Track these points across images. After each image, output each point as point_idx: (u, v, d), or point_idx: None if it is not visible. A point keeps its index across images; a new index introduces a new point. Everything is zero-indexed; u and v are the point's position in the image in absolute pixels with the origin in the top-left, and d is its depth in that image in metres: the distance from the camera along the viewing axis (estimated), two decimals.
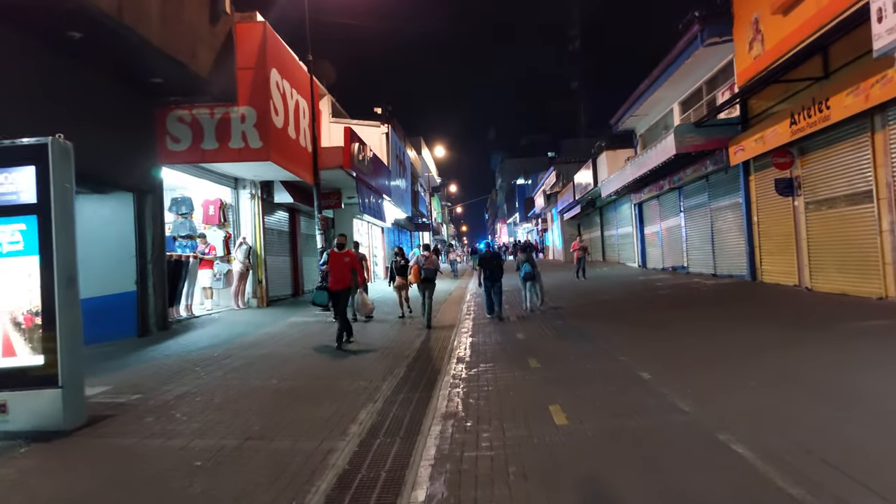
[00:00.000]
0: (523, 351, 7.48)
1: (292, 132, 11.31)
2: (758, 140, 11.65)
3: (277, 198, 13.55)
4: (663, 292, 12.93)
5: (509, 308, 12.15)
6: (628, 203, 22.94)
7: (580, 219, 33.24)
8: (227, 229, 13.05)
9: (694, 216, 16.54)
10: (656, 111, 18.90)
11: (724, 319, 8.65)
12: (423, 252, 11.07)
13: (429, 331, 9.78)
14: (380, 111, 19.68)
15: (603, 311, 11.15)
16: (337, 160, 13.11)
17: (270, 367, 6.92)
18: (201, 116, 9.96)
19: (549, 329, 9.22)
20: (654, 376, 5.50)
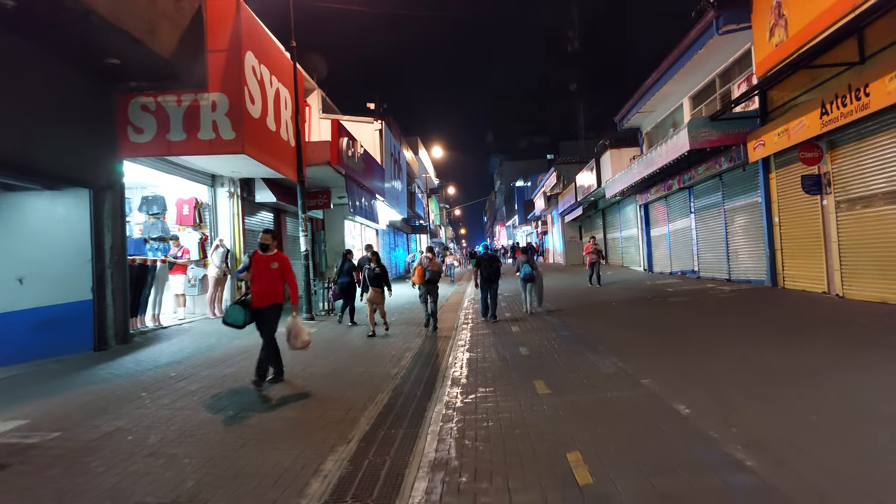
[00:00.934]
0: (528, 370, 6.45)
1: (272, 123, 10.29)
2: (781, 134, 10.66)
3: (259, 197, 12.52)
4: (677, 299, 11.91)
5: (510, 315, 11.17)
6: (633, 204, 21.95)
7: (581, 221, 32.26)
8: (204, 231, 12.01)
9: (706, 217, 15.54)
10: (664, 107, 17.92)
11: (755, 334, 7.62)
12: (427, 254, 10.71)
13: (420, 343, 8.77)
14: (373, 107, 18.66)
15: (613, 319, 10.14)
16: (324, 156, 12.10)
17: (230, 393, 5.88)
18: (167, 104, 8.93)
19: (555, 341, 8.19)
20: (693, 409, 4.48)
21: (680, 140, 12.93)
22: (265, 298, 6.20)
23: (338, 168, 12.44)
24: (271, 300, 6.24)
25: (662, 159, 14.40)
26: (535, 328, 9.61)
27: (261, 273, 6.23)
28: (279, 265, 6.29)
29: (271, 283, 6.27)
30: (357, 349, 8.49)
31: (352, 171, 13.58)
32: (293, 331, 6.37)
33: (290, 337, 6.36)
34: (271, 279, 6.27)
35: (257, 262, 6.24)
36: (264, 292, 6.19)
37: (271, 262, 6.29)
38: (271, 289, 6.26)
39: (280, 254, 6.42)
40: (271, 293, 6.24)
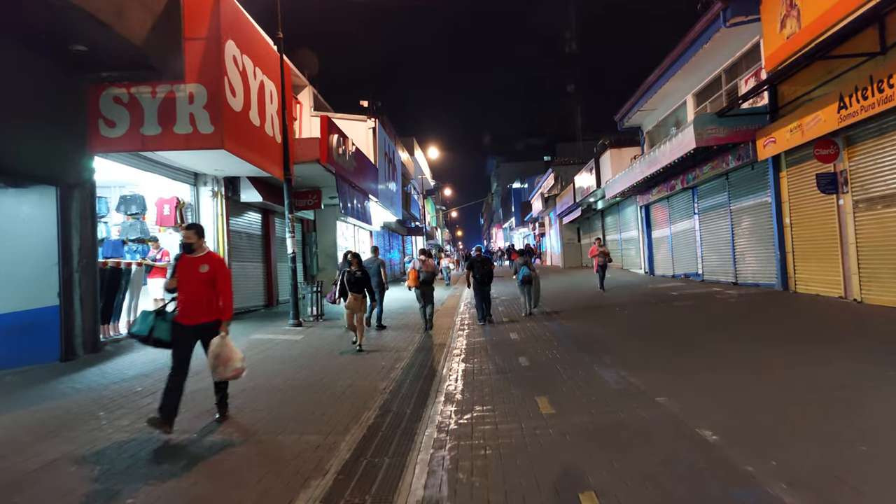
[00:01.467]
0: (529, 384, 5.88)
1: (255, 118, 9.69)
2: (794, 130, 10.13)
3: (245, 196, 11.92)
4: (683, 304, 11.36)
5: (508, 320, 10.60)
6: (633, 205, 21.42)
7: (580, 223, 31.75)
8: None
9: (710, 218, 15.01)
10: (667, 104, 17.40)
11: (776, 344, 7.07)
12: (421, 256, 10.89)
13: (413, 352, 8.19)
14: (366, 105, 18.09)
15: (617, 325, 9.58)
16: (313, 153, 11.51)
17: (196, 415, 5.27)
18: (141, 96, 8.33)
19: (556, 351, 7.62)
20: (721, 435, 3.90)
21: (685, 137, 12.40)
22: (192, 312, 4.75)
23: (327, 166, 11.85)
24: (202, 315, 4.78)
25: (666, 158, 13.87)
26: (535, 335, 9.03)
27: (186, 279, 4.77)
28: (210, 268, 4.80)
29: (199, 293, 4.77)
30: (346, 358, 7.90)
31: (343, 170, 13.00)
32: (222, 355, 4.80)
33: (216, 363, 4.81)
34: (199, 287, 4.77)
35: (182, 266, 4.81)
36: (191, 304, 4.75)
37: (199, 264, 4.80)
38: (200, 300, 4.78)
39: (212, 255, 5.01)
40: (200, 306, 4.78)
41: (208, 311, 4.82)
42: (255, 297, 13.35)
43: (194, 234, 4.88)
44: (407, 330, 10.48)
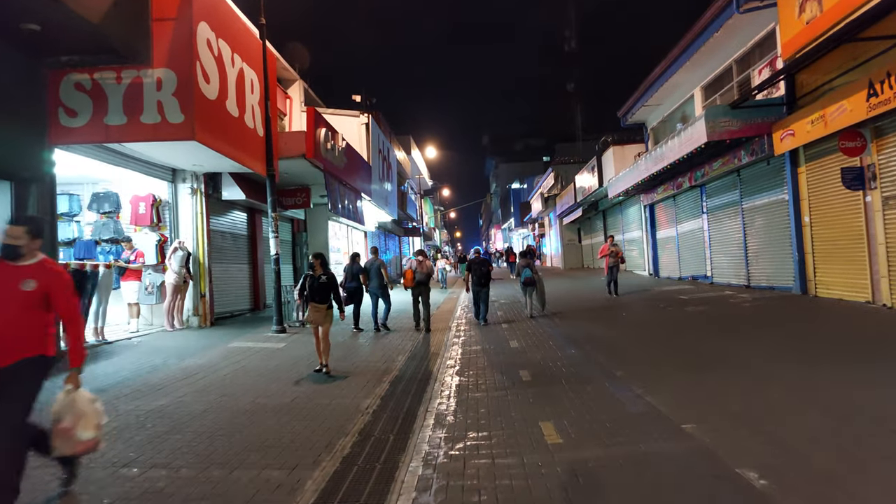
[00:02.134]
0: (532, 404, 5.14)
1: (233, 108, 8.94)
2: (815, 121, 9.41)
3: (227, 194, 11.17)
4: (695, 308, 10.63)
5: (508, 326, 9.87)
6: (637, 205, 20.70)
7: (581, 223, 31.06)
8: (163, 231, 10.66)
9: (720, 217, 14.28)
10: (673, 99, 16.67)
11: (812, 360, 6.32)
12: (418, 257, 10.80)
13: (405, 360, 7.45)
14: (359, 99, 17.30)
15: (625, 333, 8.86)
16: (298, 148, 10.76)
17: (147, 439, 4.53)
18: (105, 82, 7.59)
19: (561, 362, 6.88)
20: (770, 479, 3.17)
21: (696, 132, 11.67)
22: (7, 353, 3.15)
23: (314, 162, 11.10)
24: (16, 353, 3.17)
25: (674, 154, 13.13)
26: (536, 343, 8.29)
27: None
28: (39, 285, 3.24)
29: (14, 318, 3.20)
30: (342, 354, 7.16)
31: (332, 167, 12.26)
32: (63, 420, 3.32)
33: (58, 431, 3.31)
34: (16, 311, 3.21)
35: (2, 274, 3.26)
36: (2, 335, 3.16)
37: (21, 278, 3.22)
38: (13, 329, 3.19)
39: (47, 264, 3.36)
40: (12, 338, 3.18)
41: (19, 345, 3.19)
42: (240, 301, 12.60)
43: (25, 231, 3.27)
44: (399, 335, 9.74)
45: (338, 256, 18.99)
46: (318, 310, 7.00)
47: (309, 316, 7.13)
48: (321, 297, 7.04)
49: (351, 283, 10.45)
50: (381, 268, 10.51)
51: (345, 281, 10.47)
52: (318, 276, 7.08)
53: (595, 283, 18.82)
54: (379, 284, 10.36)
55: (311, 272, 7.16)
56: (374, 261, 10.63)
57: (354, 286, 10.45)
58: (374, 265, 10.51)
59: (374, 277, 10.41)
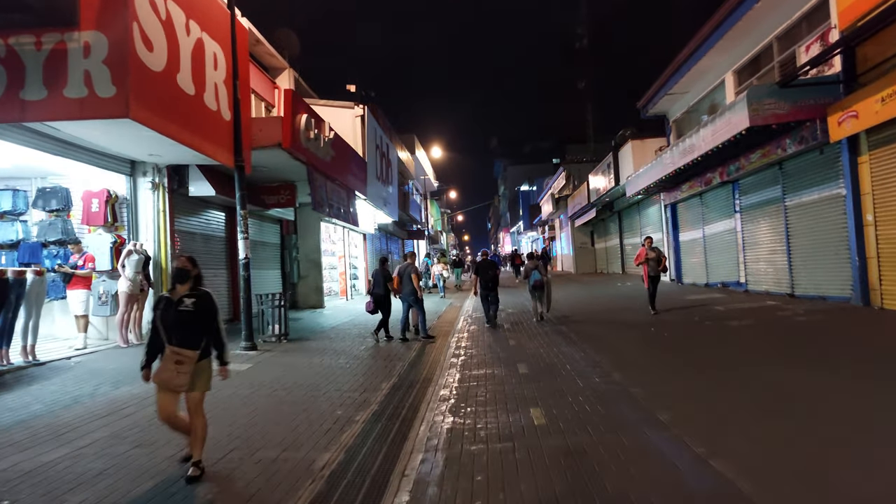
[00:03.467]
0: (550, 470, 3.61)
1: (187, 84, 7.49)
2: (886, 99, 7.83)
3: (194, 189, 9.77)
4: (739, 324, 9.05)
5: (516, 343, 8.36)
6: (657, 204, 19.09)
7: (594, 225, 29.46)
8: (120, 232, 9.27)
9: (757, 217, 12.67)
10: (701, 86, 15.08)
11: None
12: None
13: (388, 391, 5.96)
14: (354, 90, 15.85)
15: (661, 356, 7.30)
16: (273, 136, 9.33)
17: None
18: (22, 48, 6.19)
19: (584, 396, 5.35)
20: None
21: (735, 116, 10.09)
22: None
23: (292, 152, 9.64)
24: None
25: (707, 144, 11.55)
26: (550, 367, 6.76)
27: None
28: None
29: None
30: (292, 403, 5.69)
31: (316, 160, 10.81)
32: None
33: None
34: None
35: None
36: None
37: None
38: None
39: None
40: None
41: None
42: (227, 310, 11.16)
43: None
44: (384, 357, 8.26)
45: (333, 260, 17.57)
46: (181, 360, 3.70)
47: (158, 373, 3.73)
48: (183, 336, 3.75)
49: (378, 290, 9.59)
50: (414, 273, 9.67)
51: (372, 287, 9.74)
52: (175, 301, 3.80)
53: (612, 291, 17.24)
54: (410, 290, 9.51)
55: (169, 292, 3.91)
56: (407, 265, 9.79)
57: (382, 293, 9.56)
58: (406, 270, 9.65)
59: (406, 283, 9.58)
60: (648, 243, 10.85)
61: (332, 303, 16.57)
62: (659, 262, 10.59)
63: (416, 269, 9.85)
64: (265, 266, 14.17)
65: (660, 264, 10.57)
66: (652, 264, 10.57)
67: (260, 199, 12.20)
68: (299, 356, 8.29)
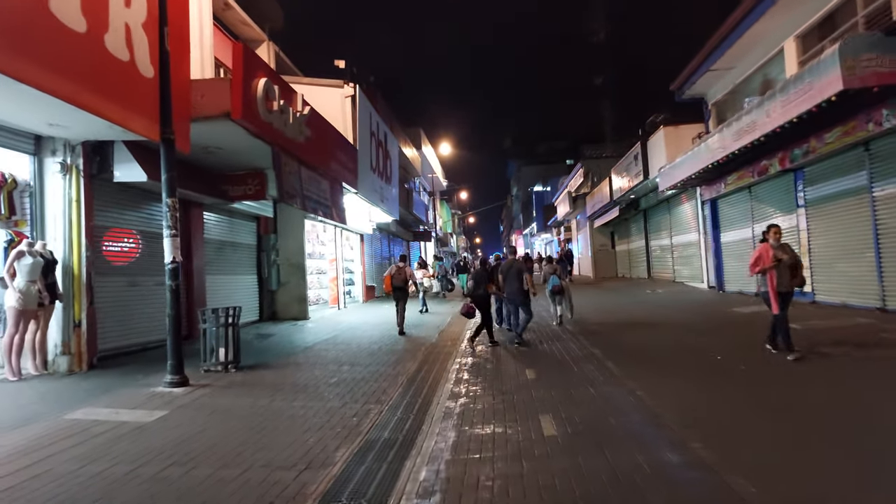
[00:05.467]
0: None
1: (75, 20, 5.32)
2: None
3: (121, 173, 7.64)
4: (842, 352, 6.74)
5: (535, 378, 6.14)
6: (692, 201, 16.72)
7: (614, 225, 27.07)
8: (20, 228, 7.17)
9: (831, 211, 10.31)
10: (750, 59, 12.72)
11: None
12: (399, 263, 11.16)
13: (352, 458, 3.77)
14: (343, 65, 13.67)
15: (744, 408, 5.02)
16: (219, 103, 7.16)
17: None
18: None
19: (654, 490, 3.11)
20: None
21: (820, 79, 7.77)
22: None
23: (247, 126, 7.48)
24: None
25: (774, 120, 9.22)
26: (593, 432, 4.50)
27: None
28: None
29: None
30: (175, 498, 3.50)
31: (283, 139, 8.65)
32: None
33: None
34: None
35: None
36: None
37: None
38: None
39: None
40: None
41: None
42: (156, 328, 9.02)
43: None
44: (354, 396, 6.05)
45: (321, 264, 15.44)
46: None
47: None
48: None
49: (479, 291, 8.92)
50: (522, 271, 8.94)
51: (472, 288, 9.10)
52: None
53: (647, 301, 14.88)
54: (517, 289, 8.77)
55: None
56: (511, 262, 9.11)
57: (484, 294, 8.92)
58: (511, 268, 8.95)
59: (511, 281, 8.84)
60: (775, 236, 6.64)
61: (320, 313, 14.44)
62: (796, 268, 6.65)
63: (525, 268, 9.15)
64: (237, 271, 12.07)
65: (795, 273, 6.63)
66: (783, 272, 6.55)
67: (222, 190, 10.10)
68: (242, 396, 6.11)
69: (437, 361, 8.01)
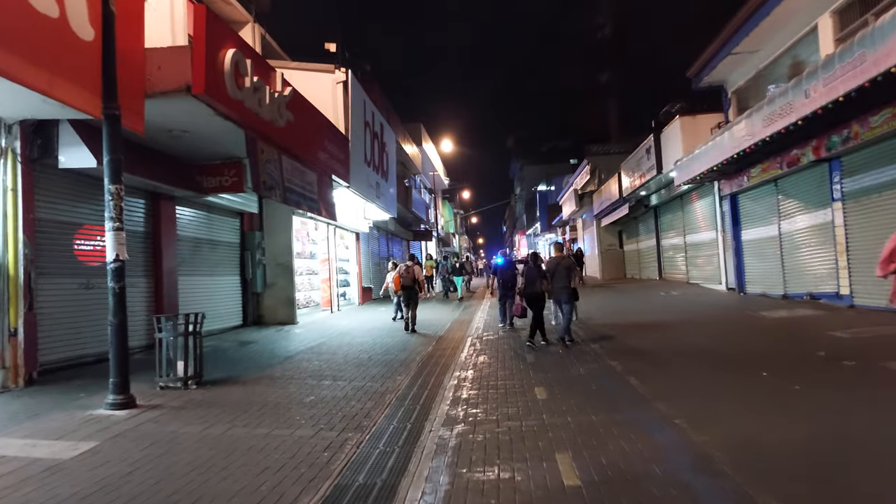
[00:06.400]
0: None
1: None
2: None
3: (66, 158, 6.61)
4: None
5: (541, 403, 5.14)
6: (709, 197, 15.65)
7: (622, 224, 26.01)
8: None
9: (874, 206, 9.24)
10: (777, 41, 11.64)
11: None
12: (408, 262, 11.38)
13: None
14: (334, 49, 12.57)
15: (806, 438, 3.97)
16: (178, 76, 6.15)
17: None
18: None
19: None
20: None
21: (881, 46, 6.71)
22: None
23: (213, 103, 6.46)
24: None
25: (816, 99, 8.14)
26: (626, 475, 3.47)
27: None
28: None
29: None
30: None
31: (258, 121, 7.63)
32: None
33: None
34: None
35: None
36: None
37: None
38: None
39: None
40: None
41: None
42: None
43: None
44: (330, 420, 5.03)
45: (312, 264, 14.43)
46: None
47: None
48: None
49: (532, 289, 8.80)
50: (571, 268, 8.72)
51: (524, 287, 8.98)
52: None
53: (654, 300, 13.78)
54: (563, 286, 8.51)
55: None
56: (559, 259, 8.83)
57: (538, 292, 8.76)
58: (559, 265, 8.66)
59: (560, 278, 8.55)
60: None
61: (311, 317, 13.44)
62: None
63: (574, 265, 8.89)
64: (217, 271, 11.07)
65: None
66: None
67: (195, 182, 9.10)
68: (195, 421, 5.09)
69: (434, 374, 6.99)
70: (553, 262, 8.79)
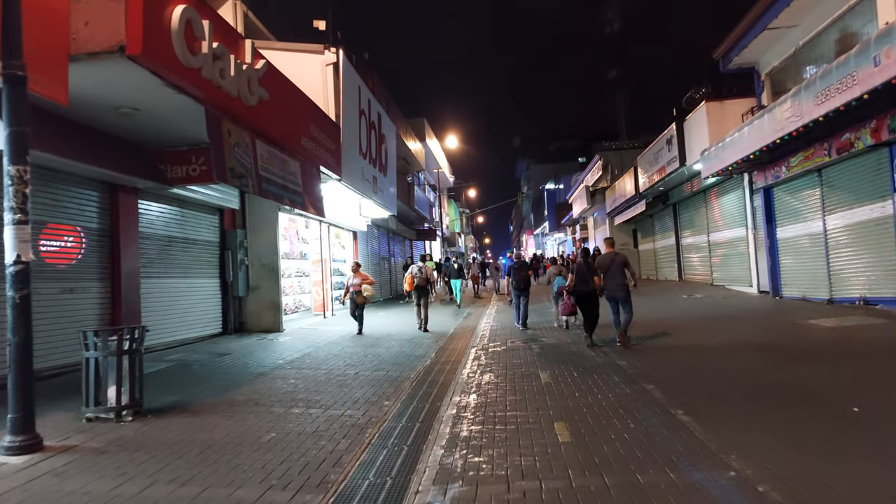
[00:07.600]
0: None
1: None
2: None
3: None
4: None
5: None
6: (737, 191, 14.30)
7: (637, 222, 24.67)
8: None
9: None
10: (822, 12, 10.30)
11: None
12: (419, 262, 11.88)
13: None
14: (323, 27, 11.39)
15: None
16: (111, 34, 4.94)
17: None
18: None
19: None
20: None
21: None
22: None
23: (154, 67, 5.25)
24: None
25: (890, 66, 6.82)
26: None
27: None
28: None
29: None
30: None
31: (223, 97, 6.43)
32: None
33: None
34: None
35: None
36: None
37: None
38: None
39: None
40: None
41: None
42: (64, 350, 6.84)
43: None
44: (284, 474, 3.80)
45: (303, 265, 13.24)
46: None
47: None
48: None
49: (583, 287, 8.32)
50: (626, 264, 8.16)
51: (573, 284, 8.49)
52: None
53: (676, 303, 12.43)
54: (619, 284, 7.97)
55: None
56: (613, 255, 8.25)
57: (589, 290, 8.29)
58: (613, 262, 8.12)
59: (614, 276, 8.02)
60: None
61: (300, 323, 12.24)
62: None
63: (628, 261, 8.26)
64: (192, 273, 9.90)
65: None
66: None
67: (157, 171, 7.91)
68: (110, 472, 3.86)
69: (429, 398, 5.76)
70: (606, 258, 8.24)
